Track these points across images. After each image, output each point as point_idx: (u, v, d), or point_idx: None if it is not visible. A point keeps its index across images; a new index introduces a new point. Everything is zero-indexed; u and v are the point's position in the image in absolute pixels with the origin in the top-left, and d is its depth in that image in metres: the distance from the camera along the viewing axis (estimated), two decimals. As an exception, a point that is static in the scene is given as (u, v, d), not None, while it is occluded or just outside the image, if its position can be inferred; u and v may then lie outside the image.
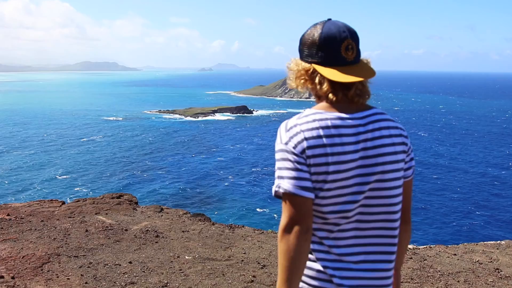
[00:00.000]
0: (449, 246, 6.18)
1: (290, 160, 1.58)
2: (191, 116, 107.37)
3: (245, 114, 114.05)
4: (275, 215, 38.63)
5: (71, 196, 43.08)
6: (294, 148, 1.57)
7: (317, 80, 1.64)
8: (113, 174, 52.02)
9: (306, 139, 1.56)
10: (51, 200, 7.32)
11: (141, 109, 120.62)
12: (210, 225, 6.45)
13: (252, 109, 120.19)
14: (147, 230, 5.89)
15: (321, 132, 1.56)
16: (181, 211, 7.31)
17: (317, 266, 1.63)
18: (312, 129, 1.57)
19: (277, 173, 1.62)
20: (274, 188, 1.62)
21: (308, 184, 1.56)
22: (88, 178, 50.59)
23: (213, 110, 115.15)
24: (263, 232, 6.32)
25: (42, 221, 6.06)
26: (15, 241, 5.19)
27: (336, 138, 1.56)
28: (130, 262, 4.75)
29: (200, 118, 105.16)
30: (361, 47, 1.69)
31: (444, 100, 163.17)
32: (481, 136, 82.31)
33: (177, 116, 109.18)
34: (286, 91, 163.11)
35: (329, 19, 1.67)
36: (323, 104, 1.66)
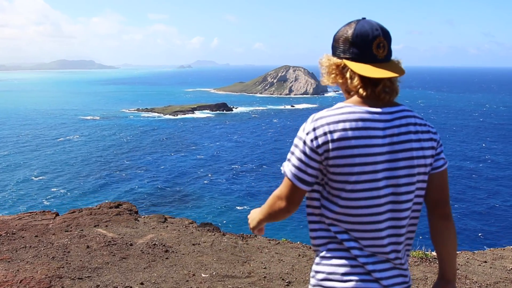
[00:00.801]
0: (475, 252, 5.91)
1: (301, 150, 1.67)
2: (170, 114, 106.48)
3: (225, 112, 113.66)
4: (255, 214, 38.42)
5: (47, 197, 42.20)
6: (311, 141, 1.64)
7: (348, 74, 1.69)
8: (90, 174, 51.28)
9: (330, 132, 1.61)
10: (43, 211, 6.73)
11: (119, 108, 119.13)
12: (220, 236, 6.02)
13: (231, 106, 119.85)
14: (154, 244, 5.41)
15: (347, 125, 1.61)
16: (186, 220, 6.82)
17: (355, 262, 1.67)
18: (338, 121, 1.62)
19: (288, 155, 1.74)
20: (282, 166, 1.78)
21: (305, 177, 1.68)
22: (64, 178, 49.75)
23: (192, 107, 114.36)
24: (279, 243, 5.91)
25: (37, 236, 5.50)
26: (9, 261, 4.64)
27: (363, 131, 1.61)
28: (142, 283, 4.28)
29: (179, 116, 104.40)
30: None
31: (423, 95, 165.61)
32: (458, 129, 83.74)
33: (155, 114, 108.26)
34: (266, 87, 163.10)
35: (363, 18, 1.72)
36: (354, 98, 1.70)
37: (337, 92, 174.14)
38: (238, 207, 40.54)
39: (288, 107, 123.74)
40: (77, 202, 40.82)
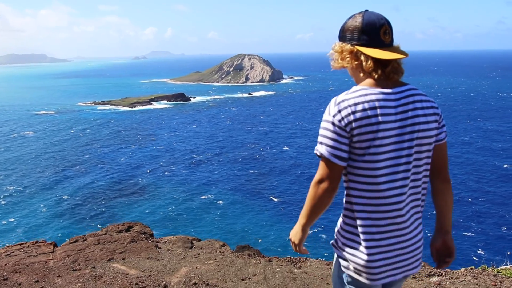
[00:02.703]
0: None
1: (331, 131, 1.92)
2: (127, 106, 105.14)
3: (183, 102, 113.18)
4: (219, 201, 38.88)
5: (3, 196, 41.14)
6: (339, 121, 1.89)
7: (362, 57, 1.97)
8: (46, 170, 50.09)
9: (353, 112, 1.87)
10: (36, 242, 5.36)
11: (74, 102, 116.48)
12: (266, 262, 4.92)
13: (189, 96, 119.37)
14: (194, 283, 4.24)
15: (366, 105, 1.88)
16: (216, 243, 5.72)
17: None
18: (358, 103, 1.89)
19: (319, 138, 1.97)
20: (315, 150, 1.99)
21: (341, 153, 1.91)
22: (19, 175, 48.44)
23: (149, 99, 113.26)
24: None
25: (38, 281, 4.19)
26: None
27: (379, 109, 1.89)
28: None
29: (136, 108, 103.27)
30: (293, 30, 1.40)
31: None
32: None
33: (112, 107, 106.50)
34: (223, 76, 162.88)
35: (366, 10, 2.01)
36: (368, 81, 1.98)
37: (292, 79, 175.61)
38: (199, 196, 40.50)
39: (246, 95, 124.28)
40: (34, 199, 40.23)
